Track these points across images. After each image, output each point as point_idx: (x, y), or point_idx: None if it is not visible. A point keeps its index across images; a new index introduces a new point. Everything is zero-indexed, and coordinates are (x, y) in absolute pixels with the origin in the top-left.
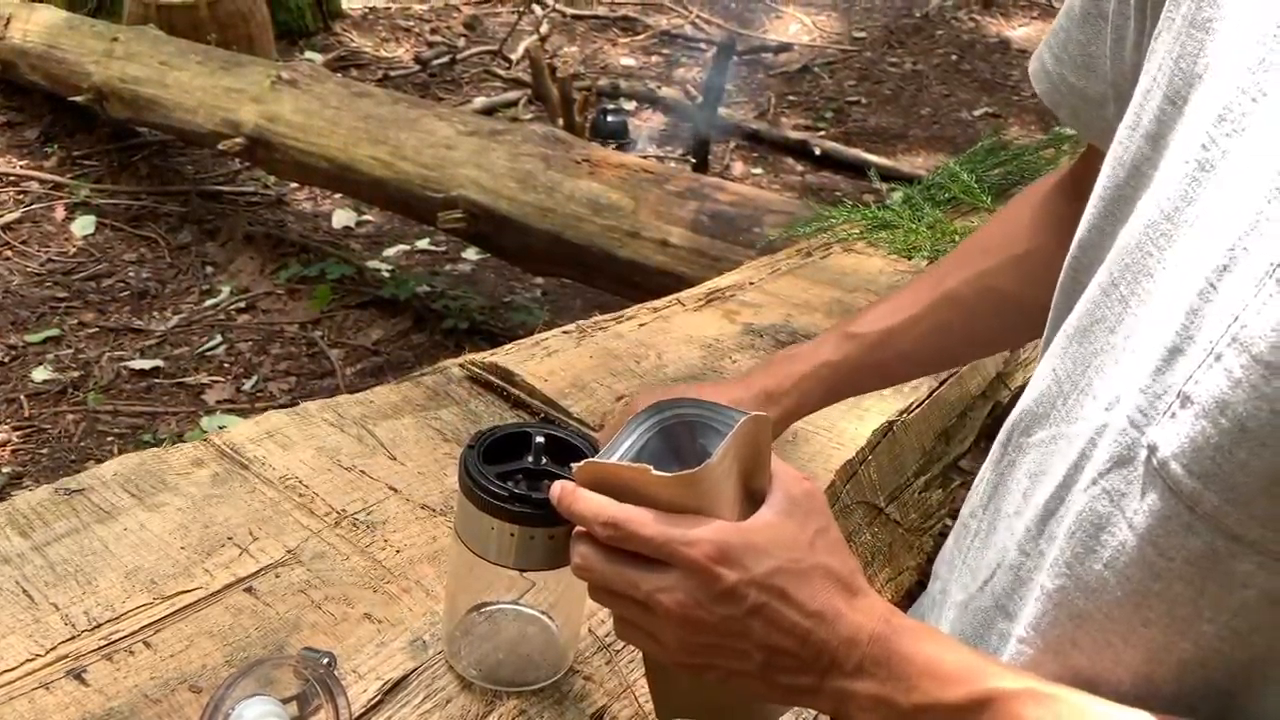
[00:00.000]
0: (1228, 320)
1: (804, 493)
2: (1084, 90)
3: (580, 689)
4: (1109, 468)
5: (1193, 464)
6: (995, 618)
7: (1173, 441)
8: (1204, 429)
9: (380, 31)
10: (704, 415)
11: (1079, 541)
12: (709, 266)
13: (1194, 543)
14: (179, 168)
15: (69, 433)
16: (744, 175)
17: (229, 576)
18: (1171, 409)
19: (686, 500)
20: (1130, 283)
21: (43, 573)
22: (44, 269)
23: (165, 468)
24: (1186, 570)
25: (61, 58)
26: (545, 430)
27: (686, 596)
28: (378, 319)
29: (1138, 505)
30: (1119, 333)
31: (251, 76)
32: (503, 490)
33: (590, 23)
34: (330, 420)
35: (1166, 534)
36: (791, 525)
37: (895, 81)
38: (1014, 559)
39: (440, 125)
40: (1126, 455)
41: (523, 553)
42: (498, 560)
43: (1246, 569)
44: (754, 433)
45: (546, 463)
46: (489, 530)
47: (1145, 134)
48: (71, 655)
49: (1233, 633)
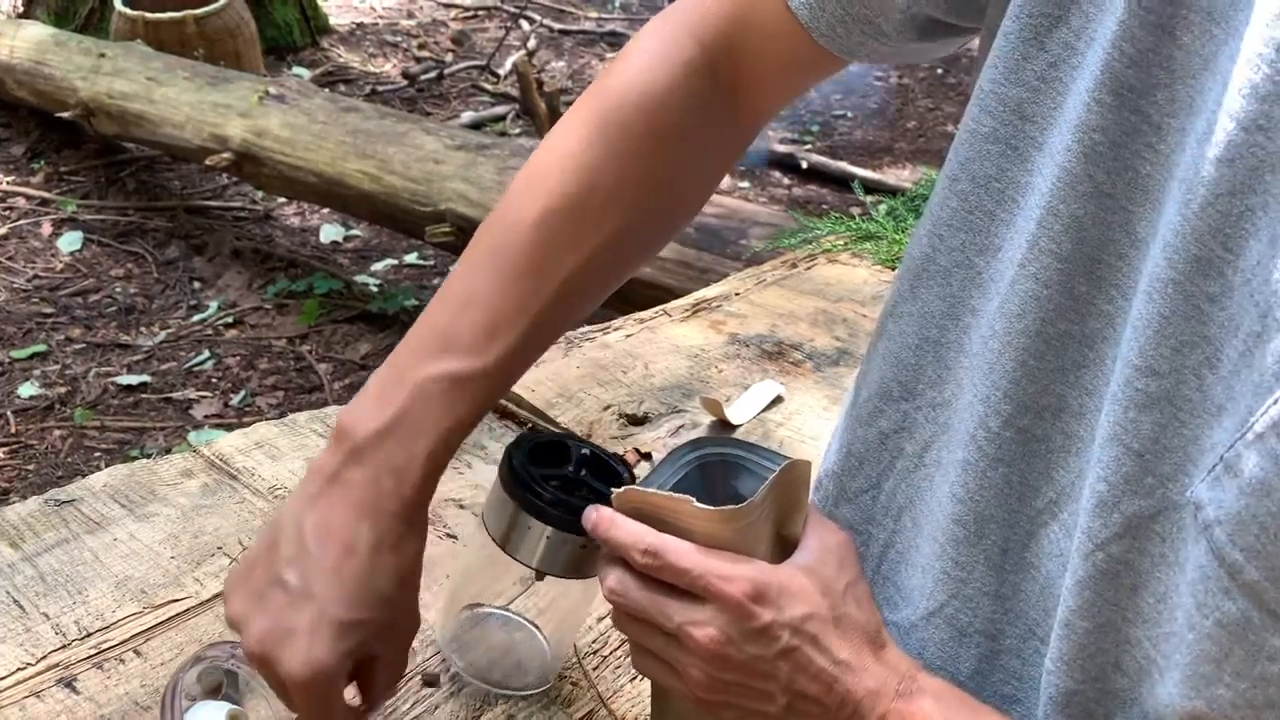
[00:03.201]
0: (1265, 398)
1: (839, 543)
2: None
3: (568, 694)
4: (1156, 511)
5: (1236, 535)
6: (963, 645)
7: (1218, 508)
8: (1248, 506)
9: (368, 47)
10: (742, 457)
11: (1125, 580)
12: (695, 278)
13: (1229, 607)
14: (166, 183)
15: (56, 449)
16: (731, 188)
17: (218, 585)
18: (1215, 472)
19: (725, 536)
20: (1113, 297)
21: (33, 583)
22: (30, 285)
23: (155, 479)
24: (1217, 632)
25: (49, 74)
26: (585, 445)
27: (719, 632)
28: (366, 333)
29: (1186, 553)
30: (1105, 349)
31: (239, 92)
32: (547, 493)
33: (578, 38)
34: (319, 431)
35: (1206, 591)
36: (826, 574)
37: (881, 95)
38: (988, 583)
39: (428, 139)
40: (1174, 502)
41: (549, 557)
42: (524, 559)
43: (1276, 644)
44: (794, 478)
45: (585, 475)
46: (524, 529)
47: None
48: (62, 664)
49: (1247, 704)
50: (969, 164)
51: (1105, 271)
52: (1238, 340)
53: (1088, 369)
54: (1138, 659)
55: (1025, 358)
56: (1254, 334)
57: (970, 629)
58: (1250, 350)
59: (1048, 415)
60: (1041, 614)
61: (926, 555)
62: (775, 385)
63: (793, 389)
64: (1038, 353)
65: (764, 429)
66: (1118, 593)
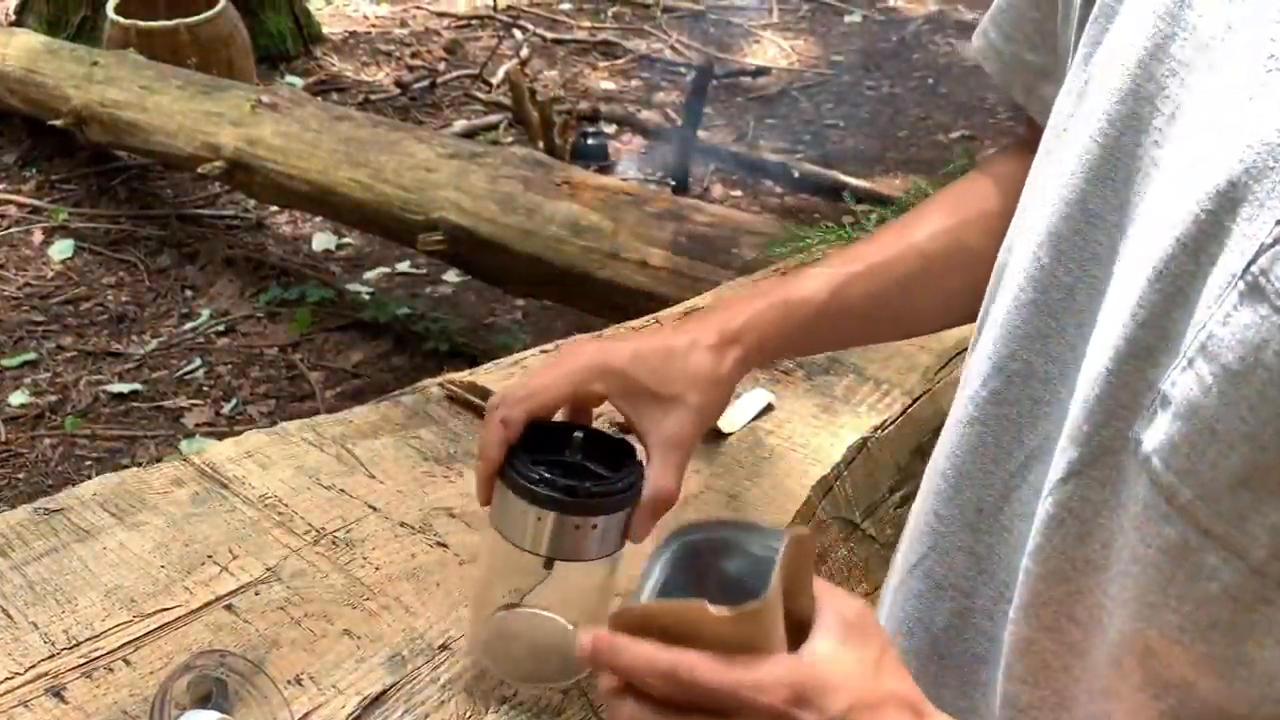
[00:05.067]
0: (1195, 326)
1: (856, 614)
2: (1041, 66)
3: (558, 703)
4: (1096, 457)
5: (1170, 460)
6: (938, 599)
7: (1154, 438)
8: (1179, 429)
9: (361, 56)
10: (727, 536)
11: (1071, 529)
12: (688, 287)
13: (1169, 532)
14: (158, 191)
15: (46, 457)
16: (723, 197)
17: (209, 594)
18: (1154, 407)
19: (744, 637)
20: (1071, 269)
21: (22, 592)
22: (21, 293)
23: (145, 487)
24: (1160, 559)
25: (41, 82)
26: (583, 428)
27: None
28: (358, 341)
29: (1129, 493)
30: (1065, 319)
31: (232, 100)
32: (540, 475)
33: (570, 47)
34: (310, 440)
35: (1147, 521)
36: (854, 653)
37: (872, 105)
38: (963, 540)
39: (420, 148)
40: (1114, 446)
41: (554, 542)
42: (530, 547)
43: (1212, 563)
44: (799, 553)
45: (583, 459)
46: (525, 516)
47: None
48: (51, 673)
49: (1193, 625)
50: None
51: (1065, 246)
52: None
53: (1052, 337)
54: (1089, 607)
55: (1009, 322)
56: (1186, 272)
57: (945, 582)
58: (1182, 288)
59: (1017, 380)
60: (1011, 576)
61: (917, 508)
62: (765, 394)
63: (783, 397)
64: (1014, 319)
65: (754, 437)
66: (1065, 540)
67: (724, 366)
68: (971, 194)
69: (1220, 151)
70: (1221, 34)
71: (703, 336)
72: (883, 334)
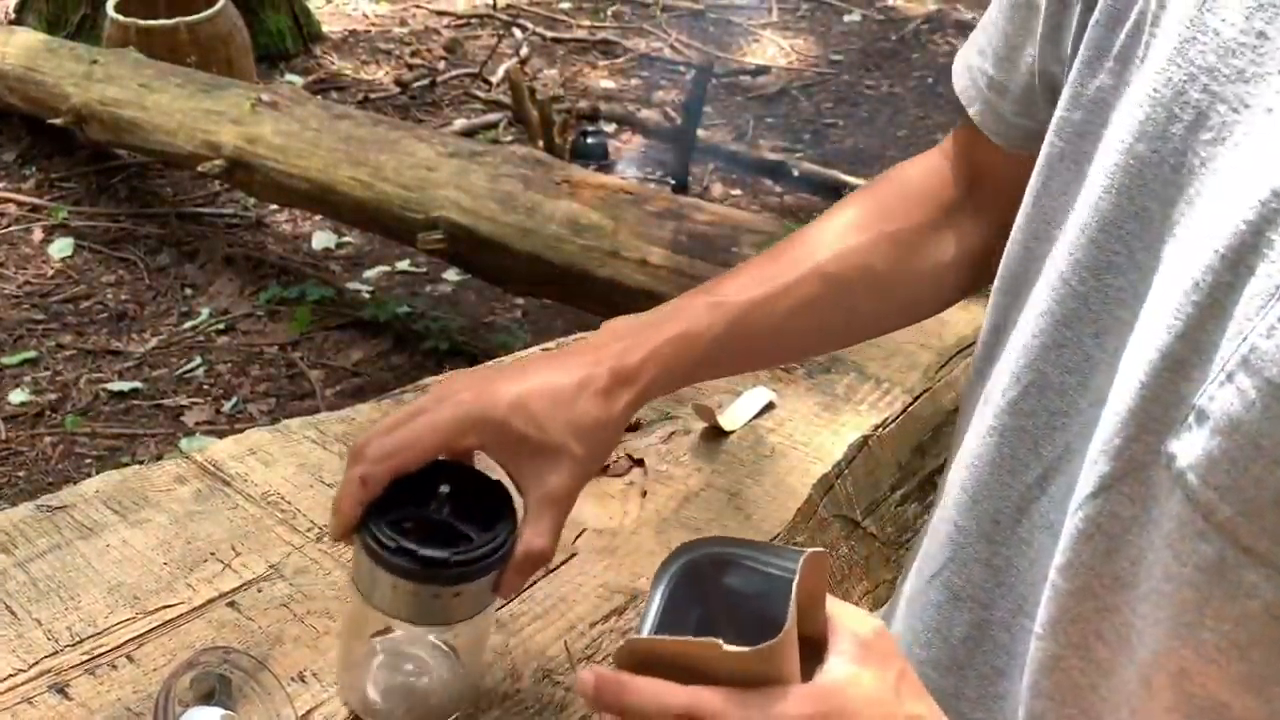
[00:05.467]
0: (1236, 340)
1: (873, 633)
2: (1002, 84)
3: (561, 699)
4: (1123, 473)
5: (1208, 476)
6: (956, 610)
7: (1190, 453)
8: (1219, 444)
9: (361, 54)
10: (729, 552)
11: (1100, 544)
12: (688, 286)
13: (1205, 550)
14: (158, 190)
15: (46, 455)
16: (723, 196)
17: (212, 591)
18: (1189, 421)
19: (761, 671)
20: (1086, 279)
21: (25, 589)
22: (21, 291)
23: (147, 484)
24: (1196, 577)
25: (40, 80)
26: (453, 470)
27: None
28: (358, 340)
29: (1161, 509)
30: (1082, 329)
31: (232, 99)
32: (397, 544)
33: (570, 46)
34: (312, 438)
35: (1182, 539)
36: (873, 675)
37: (872, 104)
38: (981, 551)
39: (420, 147)
40: (1145, 460)
41: (403, 606)
42: (391, 613)
43: (1252, 580)
44: (812, 573)
45: (449, 513)
46: (375, 576)
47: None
48: (54, 670)
49: (1231, 644)
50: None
51: (1081, 256)
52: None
53: (1068, 347)
54: (1117, 626)
55: (1027, 332)
56: (1223, 284)
57: (964, 594)
58: (1219, 300)
59: (1033, 391)
60: (1030, 589)
61: (936, 518)
62: (767, 392)
63: (784, 396)
64: (1031, 329)
65: (755, 435)
66: (1093, 556)
67: (614, 410)
68: (887, 206)
69: (1261, 162)
70: (1253, 42)
71: (594, 378)
72: (780, 359)
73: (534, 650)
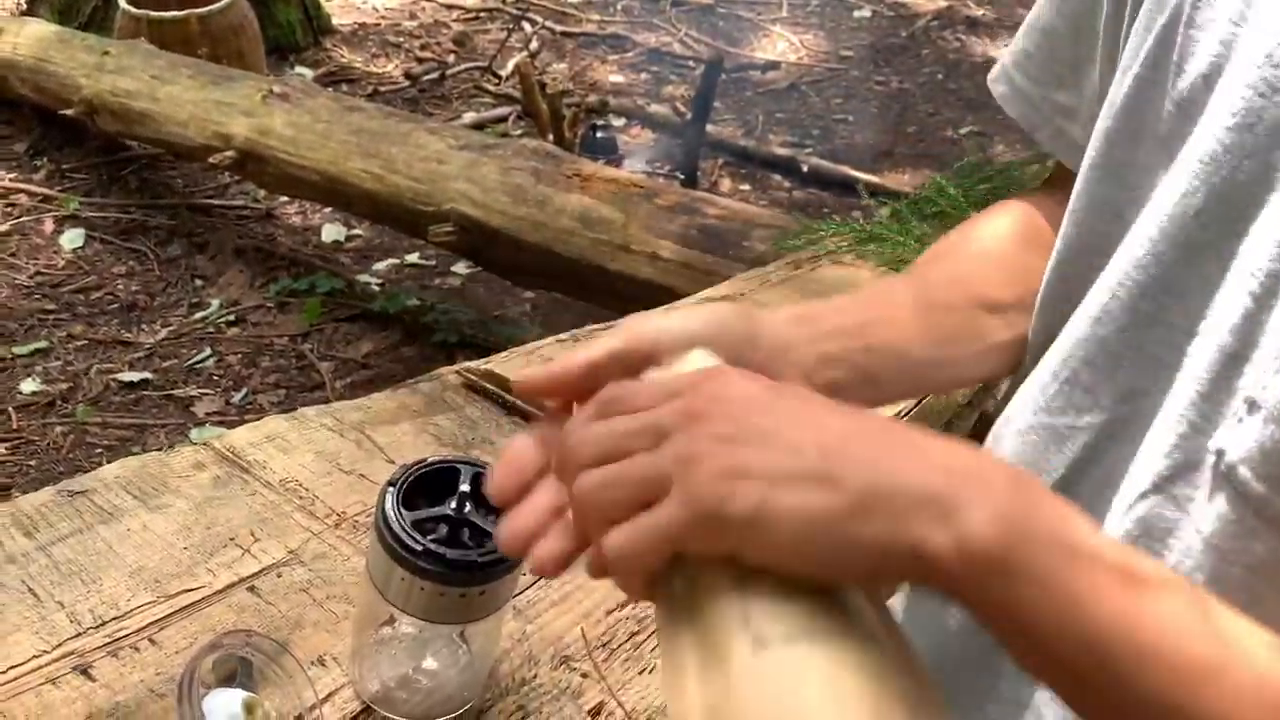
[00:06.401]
0: None
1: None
2: (1070, 106)
3: (577, 685)
4: (1173, 473)
5: (1261, 469)
6: None
7: (1241, 446)
8: (1272, 433)
9: (370, 47)
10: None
11: (1144, 547)
12: (699, 280)
13: (1257, 548)
14: (168, 181)
15: (58, 444)
16: (731, 192)
17: (232, 576)
18: (1238, 414)
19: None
20: (1155, 288)
21: (48, 572)
22: (32, 281)
23: (167, 470)
24: (1246, 577)
25: (52, 71)
26: (475, 468)
27: (710, 388)
28: (367, 332)
29: (1205, 510)
30: (1148, 336)
31: (243, 90)
32: (418, 544)
33: (579, 40)
34: (329, 426)
35: (1231, 538)
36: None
37: (881, 100)
38: None
39: (432, 139)
40: (1191, 460)
41: (426, 606)
42: (401, 606)
43: None
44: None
45: (470, 511)
46: (397, 577)
47: (1154, 138)
48: (78, 652)
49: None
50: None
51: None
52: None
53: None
54: None
55: (1069, 335)
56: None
57: None
58: (1274, 289)
59: (1064, 389)
60: None
61: None
62: None
63: None
64: (1072, 332)
65: None
66: None
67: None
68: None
69: None
70: None
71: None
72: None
73: (550, 636)
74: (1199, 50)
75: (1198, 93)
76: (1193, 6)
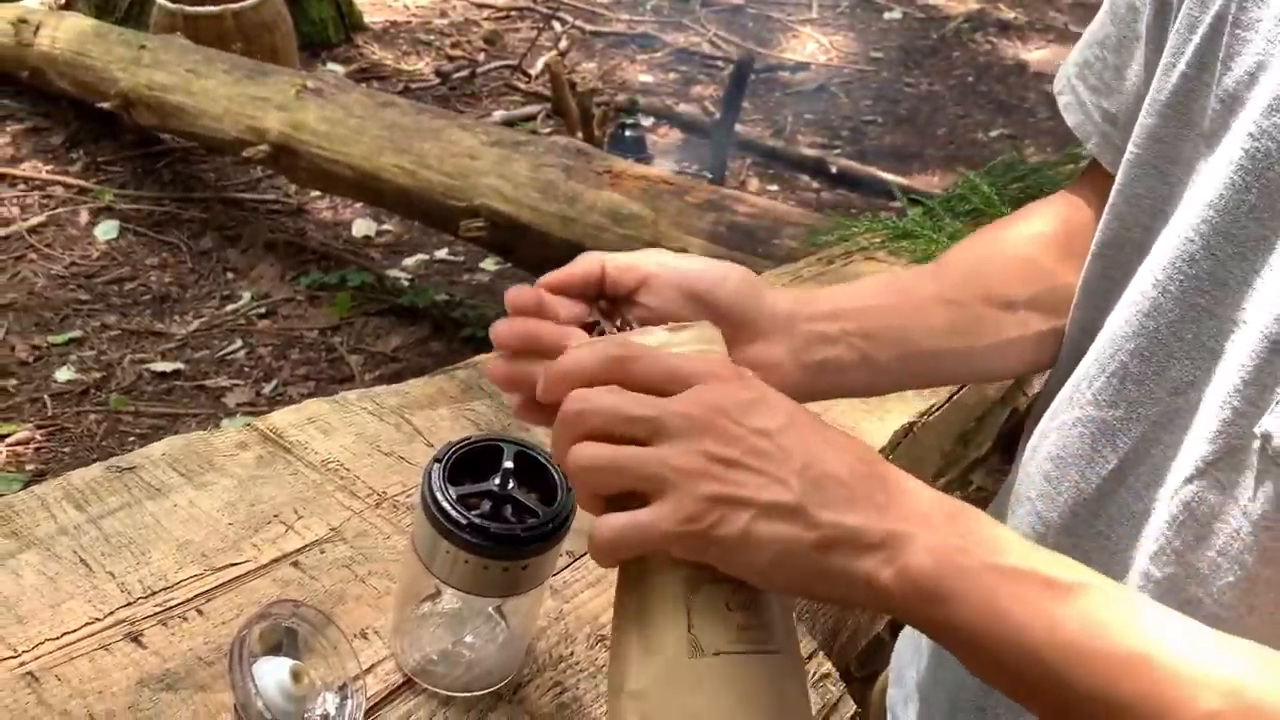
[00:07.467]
0: None
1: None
2: (1116, 115)
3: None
4: (1217, 457)
5: None
6: None
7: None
8: None
9: (401, 45)
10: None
11: (1190, 531)
12: None
13: None
14: (201, 175)
15: (91, 432)
16: (759, 192)
17: (276, 551)
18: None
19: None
20: (1209, 281)
21: (98, 543)
22: (68, 272)
23: (212, 449)
24: None
25: (89, 65)
26: (517, 446)
27: (710, 398)
28: (397, 326)
29: (1252, 493)
30: (1203, 329)
31: (277, 85)
32: (463, 517)
33: (609, 39)
34: (369, 409)
35: (1277, 523)
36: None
37: (911, 102)
38: (1062, 544)
39: (464, 135)
40: (1237, 445)
41: (471, 580)
42: (447, 580)
43: None
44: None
45: (513, 488)
46: (443, 551)
47: (1198, 134)
48: (128, 620)
49: None
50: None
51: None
52: None
53: (1144, 336)
54: (1204, 617)
55: (1112, 326)
56: None
57: None
58: None
59: (1114, 382)
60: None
61: (1018, 512)
62: None
63: None
64: (1115, 323)
65: None
66: (1183, 544)
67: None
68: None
69: None
70: None
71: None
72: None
73: (587, 616)
74: (1246, 50)
75: (1242, 88)
76: (1239, 7)
